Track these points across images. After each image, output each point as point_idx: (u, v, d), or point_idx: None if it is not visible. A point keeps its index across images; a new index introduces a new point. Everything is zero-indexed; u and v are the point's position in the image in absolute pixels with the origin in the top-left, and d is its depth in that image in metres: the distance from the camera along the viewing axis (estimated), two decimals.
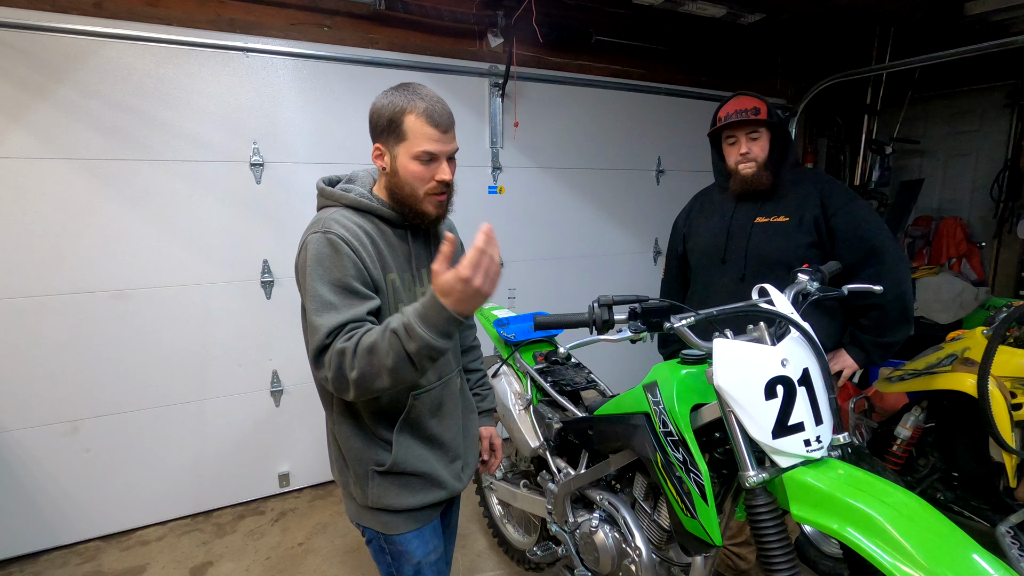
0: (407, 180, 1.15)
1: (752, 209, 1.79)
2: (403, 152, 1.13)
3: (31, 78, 2.16)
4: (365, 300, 1.10)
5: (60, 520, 2.40)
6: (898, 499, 0.94)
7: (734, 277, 1.79)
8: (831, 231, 1.71)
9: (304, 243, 1.12)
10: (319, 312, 1.05)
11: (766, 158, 1.74)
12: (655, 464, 1.23)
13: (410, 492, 1.23)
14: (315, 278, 1.07)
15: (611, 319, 1.13)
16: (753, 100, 1.74)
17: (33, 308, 2.25)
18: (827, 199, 1.71)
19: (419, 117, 1.11)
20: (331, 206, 1.19)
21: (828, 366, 1.10)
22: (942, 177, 4.17)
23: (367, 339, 1.02)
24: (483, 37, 3.01)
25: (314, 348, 1.06)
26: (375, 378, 1.01)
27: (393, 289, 1.17)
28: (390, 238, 1.19)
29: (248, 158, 2.53)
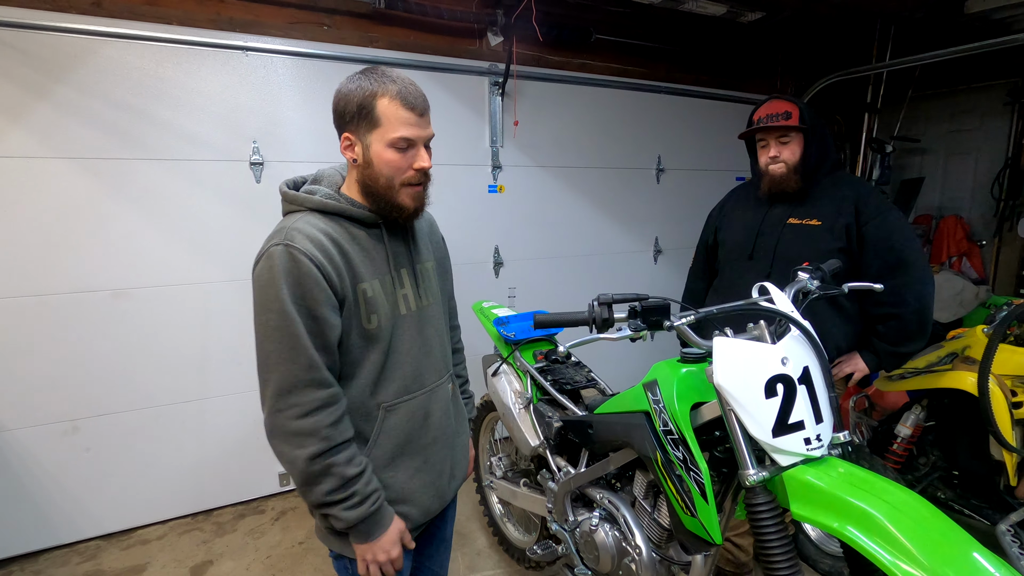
0: (382, 170, 1.06)
1: (787, 210, 1.81)
2: (377, 140, 1.04)
3: (31, 77, 2.16)
4: (327, 323, 1.02)
5: (60, 519, 2.40)
6: (899, 497, 0.93)
7: (760, 274, 1.78)
8: (862, 238, 1.71)
9: (266, 254, 1.02)
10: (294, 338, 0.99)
11: (797, 161, 1.76)
12: (655, 463, 1.23)
13: None
14: (284, 296, 0.99)
15: (611, 317, 1.13)
16: (785, 104, 1.76)
17: (33, 307, 2.25)
18: (863, 207, 1.71)
19: (392, 100, 1.03)
20: (296, 211, 1.10)
21: (828, 364, 1.10)
22: (942, 175, 4.17)
23: (349, 464, 1.03)
24: (483, 36, 3.01)
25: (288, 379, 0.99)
26: (316, 482, 1.02)
27: (365, 300, 1.08)
28: (364, 241, 1.10)
29: (248, 157, 2.53)
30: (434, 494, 1.22)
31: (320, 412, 1.01)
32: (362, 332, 1.08)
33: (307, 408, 1.00)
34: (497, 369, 1.99)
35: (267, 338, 1.00)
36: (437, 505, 1.24)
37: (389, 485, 1.14)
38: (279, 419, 1.00)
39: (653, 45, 3.49)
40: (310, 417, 1.00)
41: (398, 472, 1.15)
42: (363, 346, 1.09)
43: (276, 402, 1.00)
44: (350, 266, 1.06)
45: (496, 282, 3.24)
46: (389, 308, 1.12)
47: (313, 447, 0.99)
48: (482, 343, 3.21)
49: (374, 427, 1.12)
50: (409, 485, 1.17)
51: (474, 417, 1.58)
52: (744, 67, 3.93)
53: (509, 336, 1.96)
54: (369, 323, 1.09)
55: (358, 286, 1.07)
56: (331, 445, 1.01)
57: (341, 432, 1.03)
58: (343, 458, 1.03)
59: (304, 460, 0.99)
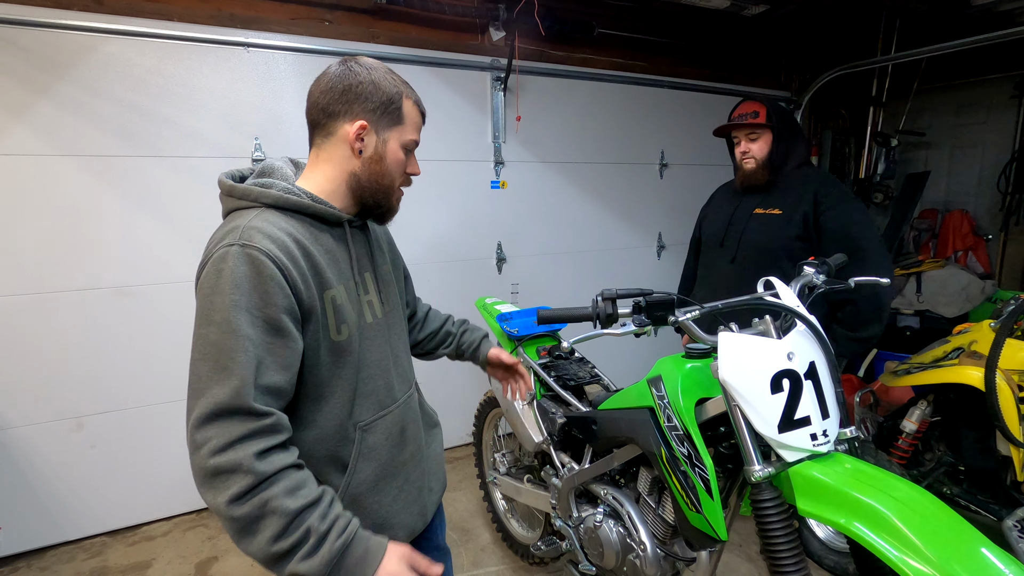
0: (392, 169, 1.02)
1: (755, 201, 1.97)
2: (395, 137, 1.01)
3: (32, 75, 2.15)
4: (287, 341, 0.88)
5: (66, 516, 2.41)
6: (906, 493, 0.93)
7: (726, 259, 2.00)
8: (820, 227, 1.83)
9: (214, 256, 0.86)
10: (233, 354, 0.82)
11: (765, 157, 1.92)
12: (660, 459, 1.22)
13: None
14: (230, 306, 0.83)
15: (615, 313, 1.12)
16: (755, 105, 1.92)
17: (36, 305, 2.25)
18: (821, 197, 1.84)
19: (414, 105, 1.03)
20: (246, 207, 0.94)
21: (835, 360, 1.09)
22: (948, 169, 4.14)
23: (289, 496, 0.81)
24: (485, 31, 2.99)
25: (213, 403, 0.80)
26: (245, 534, 0.80)
27: (334, 308, 0.96)
28: (327, 242, 0.98)
29: (250, 154, 2.53)
30: (417, 512, 1.13)
31: (244, 443, 0.80)
32: (331, 346, 0.96)
33: (227, 439, 0.80)
34: None
35: (201, 356, 0.84)
36: (420, 523, 1.15)
37: (373, 511, 1.04)
38: (196, 457, 0.81)
39: (656, 39, 3.47)
40: (228, 452, 0.79)
41: (382, 496, 1.05)
42: (333, 362, 0.97)
43: (194, 434, 0.81)
44: (316, 271, 0.93)
45: (499, 278, 3.23)
46: (356, 317, 1.01)
47: (234, 487, 0.78)
48: None
49: (352, 450, 1.01)
50: (393, 507, 1.07)
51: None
52: (748, 61, 3.90)
53: (512, 332, 1.95)
54: (339, 334, 0.97)
55: (326, 293, 0.95)
56: (259, 480, 0.80)
57: (273, 462, 0.82)
58: (280, 489, 0.81)
59: (225, 505, 0.78)
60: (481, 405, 2.32)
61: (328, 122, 0.98)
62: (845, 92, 4.24)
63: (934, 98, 4.13)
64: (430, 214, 2.93)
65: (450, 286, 3.08)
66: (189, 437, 0.82)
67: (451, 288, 3.08)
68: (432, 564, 0.92)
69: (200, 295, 0.86)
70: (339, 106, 0.97)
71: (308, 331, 0.93)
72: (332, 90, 0.97)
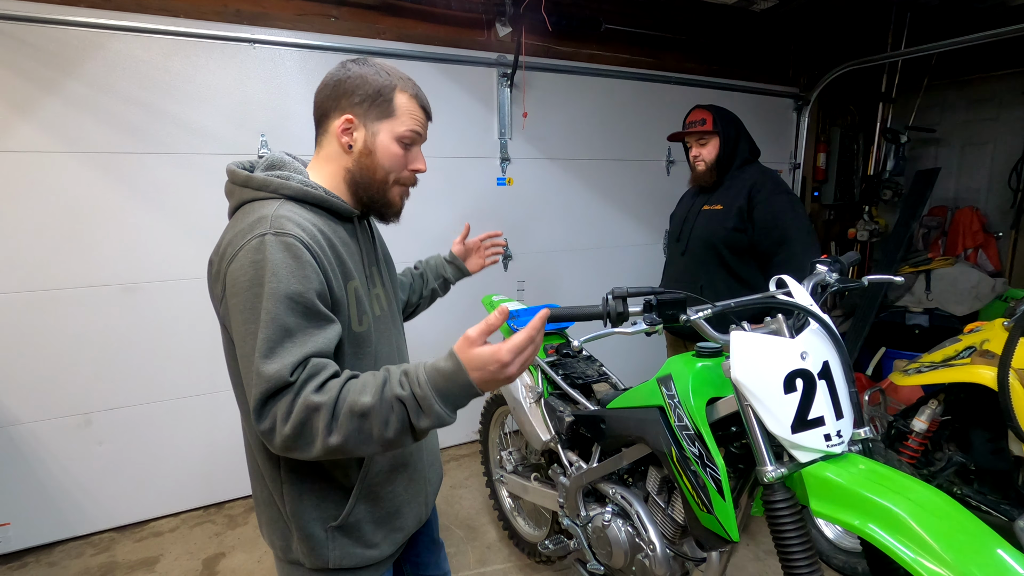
0: (383, 163, 1.00)
1: (704, 199, 2.14)
2: (386, 130, 0.99)
3: (40, 72, 2.15)
4: (327, 325, 0.88)
5: (74, 511, 2.42)
6: (921, 494, 0.92)
7: (678, 253, 2.19)
8: (752, 220, 1.99)
9: (247, 246, 0.85)
10: (275, 342, 0.81)
11: (713, 160, 2.08)
12: (670, 458, 1.21)
13: (373, 545, 1.04)
14: (271, 296, 0.82)
15: (625, 311, 1.10)
16: (703, 113, 2.08)
17: (44, 301, 2.26)
18: (755, 192, 1.99)
19: (411, 98, 1.01)
20: (265, 198, 0.94)
21: (849, 359, 1.08)
22: (958, 166, 4.10)
23: (359, 400, 0.81)
24: (491, 26, 2.98)
25: (265, 389, 0.80)
26: (362, 447, 0.83)
27: (356, 299, 0.97)
28: (343, 236, 1.00)
29: (256, 150, 2.52)
30: (422, 502, 1.15)
31: (299, 397, 0.81)
32: (353, 337, 0.98)
33: (286, 408, 0.81)
34: None
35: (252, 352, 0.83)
36: (424, 513, 1.16)
37: (387, 500, 1.05)
38: (275, 437, 0.83)
39: (663, 35, 3.45)
40: (293, 412, 0.81)
41: (395, 486, 1.07)
42: (354, 352, 0.98)
43: (261, 423, 0.83)
44: (341, 262, 0.95)
45: (505, 275, 3.22)
46: (371, 309, 1.03)
47: (319, 423, 0.81)
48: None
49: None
50: (404, 497, 1.09)
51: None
52: (755, 57, 3.87)
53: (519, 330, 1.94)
54: (360, 325, 0.98)
55: (349, 284, 0.96)
56: (331, 405, 0.81)
57: (331, 387, 0.83)
58: (354, 397, 0.82)
59: (323, 441, 0.81)
60: (487, 403, 2.32)
61: (323, 119, 1.02)
62: (854, 88, 4.20)
63: (944, 94, 4.08)
64: (436, 210, 2.92)
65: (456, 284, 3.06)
66: (258, 427, 0.83)
67: (457, 286, 3.06)
68: (491, 320, 0.86)
69: (240, 288, 0.85)
70: (330, 102, 0.99)
71: (338, 320, 0.93)
72: (325, 87, 1.00)
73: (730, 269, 2.06)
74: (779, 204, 1.96)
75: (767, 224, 1.96)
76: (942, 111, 4.13)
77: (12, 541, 2.33)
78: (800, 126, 4.10)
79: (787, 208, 1.96)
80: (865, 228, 4.15)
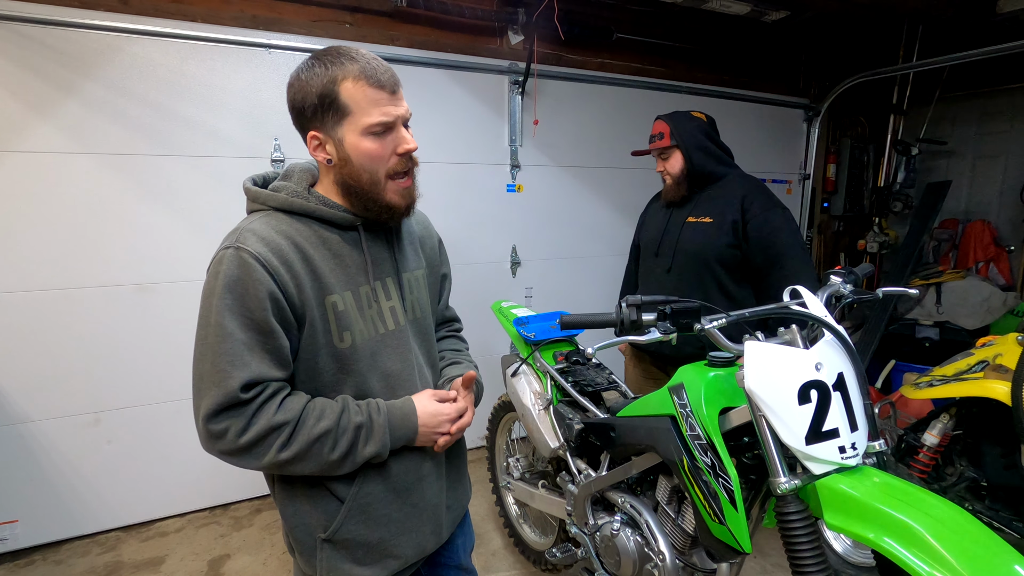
0: (364, 165, 0.92)
1: (686, 211, 1.99)
2: (350, 131, 0.90)
3: (59, 74, 2.18)
4: (278, 340, 0.89)
5: (82, 510, 2.43)
6: (937, 508, 0.91)
7: (663, 268, 2.02)
8: (746, 235, 1.86)
9: (215, 258, 0.89)
10: (230, 357, 0.85)
11: (678, 173, 1.96)
12: (681, 468, 1.21)
13: (364, 564, 1.02)
14: (223, 309, 0.85)
15: (639, 320, 1.11)
16: (660, 126, 1.97)
17: (58, 300, 2.28)
18: (748, 205, 1.87)
19: (357, 81, 0.89)
20: (258, 210, 0.96)
21: (864, 371, 1.07)
22: (970, 179, 4.09)
23: (317, 424, 0.90)
24: (503, 34, 3.00)
25: (216, 402, 0.85)
26: (305, 465, 0.91)
27: (335, 314, 0.94)
28: (336, 247, 0.96)
29: (269, 154, 2.55)
30: (430, 531, 1.09)
31: (261, 412, 0.88)
32: (334, 353, 0.95)
33: (244, 421, 0.87)
34: (516, 370, 1.98)
35: (201, 357, 0.88)
36: (434, 542, 1.10)
37: (381, 524, 1.02)
38: (222, 443, 0.88)
39: (675, 45, 3.46)
40: (253, 426, 0.87)
41: (391, 511, 1.02)
42: (337, 369, 0.96)
43: (208, 426, 0.87)
44: (315, 276, 0.92)
45: (513, 282, 3.23)
46: (365, 325, 0.97)
47: (277, 441, 0.88)
48: (499, 343, 3.21)
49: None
50: (402, 524, 1.04)
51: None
52: (766, 67, 3.87)
53: (529, 336, 1.94)
54: (341, 342, 0.95)
55: (326, 299, 0.93)
56: (292, 424, 0.89)
57: (291, 407, 0.90)
58: (312, 420, 0.91)
59: (275, 455, 0.89)
60: (495, 409, 2.31)
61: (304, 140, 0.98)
62: (865, 100, 4.19)
63: (956, 106, 4.07)
64: (445, 216, 2.93)
65: (464, 289, 3.07)
66: (203, 428, 0.88)
67: (465, 291, 3.07)
68: (451, 393, 1.08)
69: (202, 296, 0.90)
70: (297, 124, 0.97)
71: (304, 335, 0.93)
72: (290, 111, 0.97)
73: (722, 286, 1.91)
74: (775, 220, 1.84)
75: (763, 241, 1.83)
76: (954, 123, 4.12)
77: (20, 538, 2.34)
78: (810, 137, 4.10)
79: (783, 225, 1.85)
80: (875, 240, 4.14)
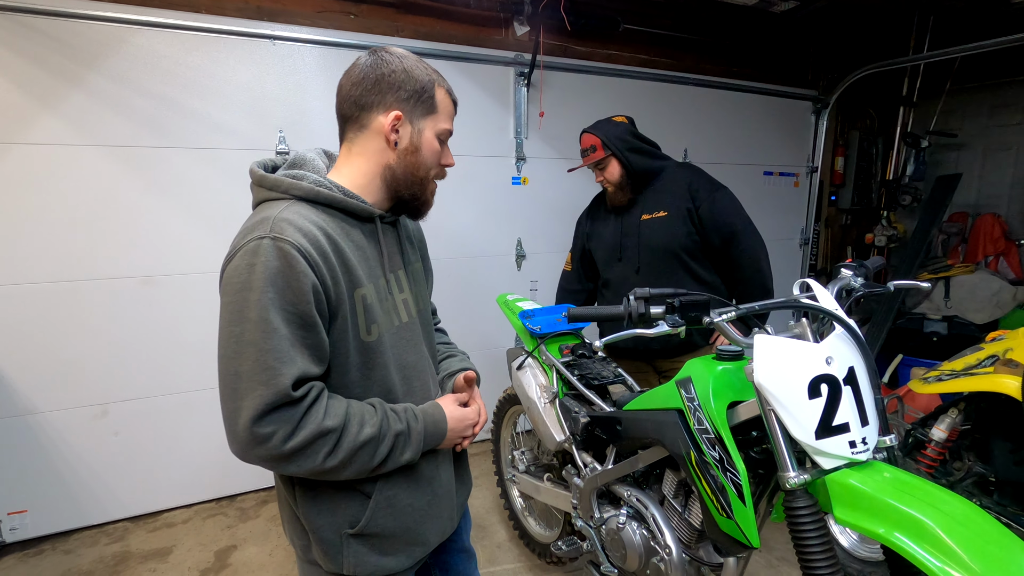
0: (426, 160, 0.99)
1: (638, 211, 2.03)
2: (429, 127, 0.98)
3: (64, 65, 2.18)
4: (320, 335, 0.87)
5: (90, 500, 2.45)
6: (948, 504, 0.90)
7: (630, 271, 2.05)
8: (701, 219, 1.95)
9: (244, 248, 0.83)
10: (277, 353, 0.81)
11: (618, 179, 2.01)
12: (688, 462, 1.20)
13: (390, 555, 1.02)
14: (266, 304, 0.81)
15: (647, 313, 1.09)
16: (591, 138, 2.02)
17: (64, 293, 2.29)
18: (695, 191, 1.96)
19: (447, 94, 1.01)
20: (276, 199, 0.91)
21: (875, 365, 1.06)
22: (980, 172, 4.04)
23: (362, 430, 0.90)
24: (509, 25, 2.97)
25: (265, 402, 0.80)
26: (345, 471, 0.90)
27: (364, 307, 0.93)
28: (358, 239, 0.95)
29: (274, 146, 2.54)
30: (447, 516, 1.12)
31: (308, 417, 0.85)
32: (361, 347, 0.94)
33: (292, 425, 0.83)
34: (522, 363, 1.97)
35: (239, 355, 0.81)
36: (450, 526, 1.13)
37: (407, 513, 1.02)
38: (265, 449, 0.82)
39: (682, 36, 3.42)
40: (300, 431, 0.84)
41: (414, 498, 1.04)
42: (364, 363, 0.95)
43: (253, 430, 0.81)
44: (347, 268, 0.91)
45: (518, 275, 3.22)
46: (385, 317, 0.98)
47: (324, 448, 0.86)
48: (504, 336, 3.20)
49: None
50: (428, 511, 1.06)
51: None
52: (774, 58, 3.83)
53: (535, 329, 1.94)
54: (369, 335, 0.94)
55: (356, 291, 0.92)
56: (338, 431, 0.87)
57: (337, 412, 0.88)
58: (355, 427, 0.89)
59: (322, 462, 0.87)
60: (500, 402, 2.31)
61: (361, 114, 0.95)
62: (874, 91, 4.15)
63: (967, 98, 4.02)
64: (450, 209, 2.92)
65: (469, 282, 3.07)
66: (246, 432, 0.81)
67: (470, 284, 3.07)
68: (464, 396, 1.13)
69: (231, 289, 0.83)
70: (372, 97, 0.94)
71: (335, 329, 0.90)
72: (364, 80, 0.94)
73: (694, 274, 2.00)
74: (723, 200, 1.95)
75: (715, 221, 1.94)
76: (964, 115, 4.06)
77: (29, 528, 2.36)
78: (818, 129, 4.06)
79: (730, 203, 1.97)
80: (883, 233, 4.10)
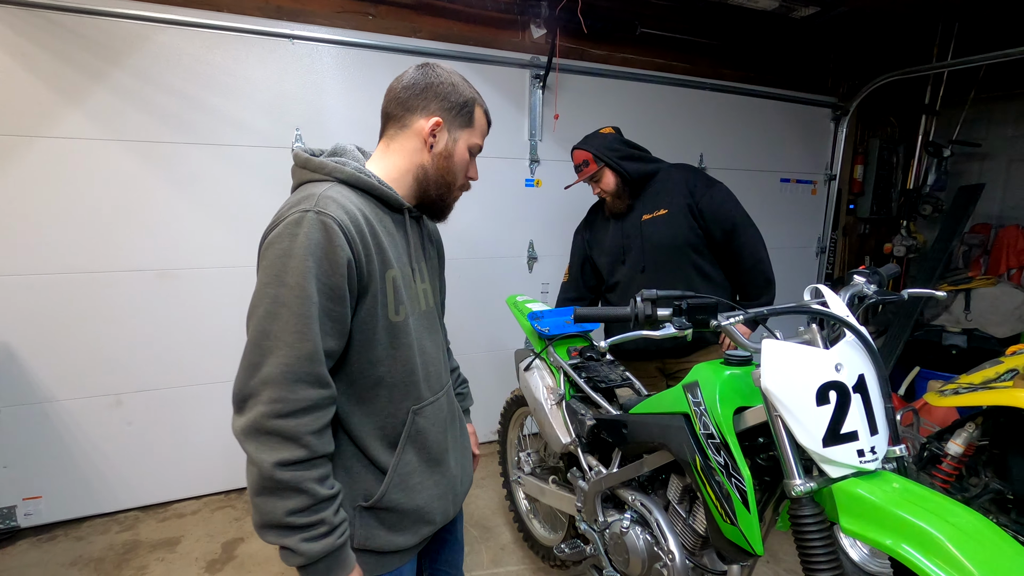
0: (456, 168, 1.08)
1: (638, 212, 2.05)
2: (464, 139, 1.08)
3: (89, 62, 2.23)
4: (346, 309, 0.92)
5: (103, 489, 2.49)
6: (959, 516, 0.88)
7: (636, 271, 2.06)
8: (701, 213, 1.97)
9: (288, 219, 0.88)
10: (308, 320, 0.85)
11: (615, 189, 2.03)
12: (694, 467, 1.19)
13: (399, 531, 1.05)
14: (305, 272, 0.85)
15: (654, 314, 1.09)
16: (582, 154, 2.04)
17: (83, 284, 2.34)
18: (692, 187, 1.99)
19: (484, 114, 1.12)
20: (319, 180, 0.98)
21: (886, 374, 1.04)
22: (1004, 182, 3.95)
23: (321, 488, 0.87)
24: (525, 28, 2.98)
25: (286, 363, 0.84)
26: (276, 493, 0.85)
27: (394, 288, 0.99)
28: (389, 226, 1.02)
29: (291, 144, 2.57)
30: (451, 500, 1.15)
31: (307, 414, 0.86)
32: (389, 326, 0.98)
33: (294, 406, 0.85)
34: (530, 364, 1.97)
35: (272, 315, 0.85)
36: (452, 512, 1.17)
37: (417, 492, 1.05)
38: (255, 414, 0.84)
39: (699, 40, 3.40)
40: (292, 418, 0.85)
41: (425, 479, 1.07)
42: (390, 342, 0.99)
43: (262, 392, 0.84)
44: (380, 250, 0.97)
45: (529, 277, 3.22)
46: (411, 302, 1.04)
47: (286, 453, 0.84)
48: (513, 337, 3.20)
49: (402, 432, 1.03)
50: (435, 492, 1.10)
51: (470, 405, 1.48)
52: (793, 64, 3.79)
53: (543, 331, 1.93)
54: (397, 315, 0.99)
55: (387, 272, 0.98)
56: (311, 456, 0.86)
57: (324, 443, 0.89)
58: (319, 473, 0.88)
59: (272, 465, 0.83)
60: (507, 403, 2.31)
61: (404, 115, 1.05)
62: (895, 99, 4.08)
63: (992, 107, 3.94)
64: (462, 209, 2.91)
65: (481, 283, 3.07)
66: (250, 390, 0.85)
67: (482, 285, 3.08)
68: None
69: (271, 254, 0.88)
70: (419, 101, 1.04)
71: (364, 306, 0.95)
72: (415, 86, 1.04)
73: (699, 269, 2.02)
74: (720, 194, 1.98)
75: (716, 214, 1.96)
76: (988, 125, 3.98)
77: (43, 514, 2.41)
78: (837, 136, 4.01)
79: (727, 197, 1.99)
80: (902, 243, 4.03)
